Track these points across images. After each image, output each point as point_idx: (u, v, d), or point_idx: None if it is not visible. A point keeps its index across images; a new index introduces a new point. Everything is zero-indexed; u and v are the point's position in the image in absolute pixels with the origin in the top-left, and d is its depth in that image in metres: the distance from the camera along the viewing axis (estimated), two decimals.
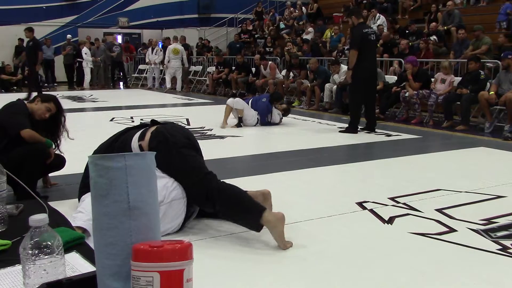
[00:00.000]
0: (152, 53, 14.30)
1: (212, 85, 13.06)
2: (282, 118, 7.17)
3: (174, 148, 2.67)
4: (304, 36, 13.21)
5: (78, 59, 14.44)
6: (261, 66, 11.17)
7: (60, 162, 3.56)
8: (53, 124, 3.51)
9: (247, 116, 7.00)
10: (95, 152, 2.91)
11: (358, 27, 6.41)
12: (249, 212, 2.57)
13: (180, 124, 3.12)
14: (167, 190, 2.62)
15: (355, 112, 6.60)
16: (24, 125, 3.24)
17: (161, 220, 2.49)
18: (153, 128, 2.78)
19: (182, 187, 2.68)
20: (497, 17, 10.14)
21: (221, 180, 2.72)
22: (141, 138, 2.73)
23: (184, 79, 14.05)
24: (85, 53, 14.21)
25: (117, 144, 2.81)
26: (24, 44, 12.04)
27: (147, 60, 14.50)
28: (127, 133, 2.88)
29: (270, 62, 11.19)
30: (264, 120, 7.05)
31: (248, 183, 3.87)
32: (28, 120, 3.31)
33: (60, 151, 3.56)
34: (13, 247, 1.45)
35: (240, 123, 6.96)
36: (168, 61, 13.39)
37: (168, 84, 13.62)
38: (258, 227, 2.55)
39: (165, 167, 2.69)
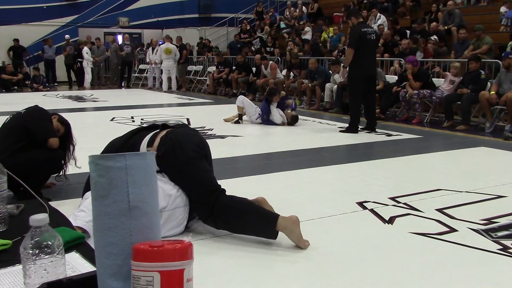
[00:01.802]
0: (152, 53, 14.32)
1: (213, 85, 13.07)
2: (286, 122, 7.12)
3: (181, 159, 2.61)
4: (303, 36, 13.22)
5: (79, 59, 14.44)
6: (262, 65, 11.17)
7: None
8: (64, 141, 3.54)
9: (248, 113, 7.30)
10: (106, 148, 2.90)
11: (357, 26, 6.41)
12: (263, 223, 2.54)
13: (190, 127, 3.01)
14: (171, 197, 2.59)
15: (355, 112, 6.59)
16: (54, 133, 3.38)
17: (163, 226, 2.52)
18: (163, 133, 2.70)
19: (186, 195, 2.66)
20: (506, 14, 10.08)
21: (229, 195, 2.66)
22: (150, 143, 2.66)
23: (182, 79, 14.06)
24: (86, 53, 14.20)
25: (128, 144, 2.74)
26: None
27: (147, 60, 14.53)
28: (139, 133, 2.82)
29: (271, 62, 11.19)
30: (263, 118, 7.15)
31: (248, 183, 3.89)
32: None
33: (66, 177, 3.58)
34: (14, 247, 1.45)
35: (239, 120, 7.31)
36: (161, 61, 13.52)
37: (165, 85, 13.64)
38: (274, 235, 2.54)
39: (172, 176, 2.66)
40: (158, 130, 2.78)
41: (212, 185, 2.65)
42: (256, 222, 2.57)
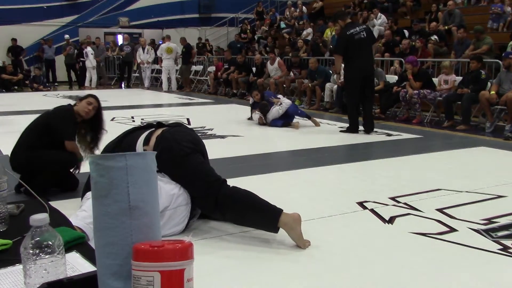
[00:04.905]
0: (143, 52, 14.31)
1: (213, 85, 13.07)
2: (262, 117, 7.01)
3: (178, 156, 2.63)
4: (304, 37, 13.22)
5: (81, 59, 14.41)
6: (269, 61, 11.15)
7: (75, 184, 3.65)
8: (98, 120, 3.63)
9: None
10: (104, 151, 2.92)
11: (344, 29, 6.32)
12: (265, 216, 2.56)
13: (186, 126, 3.07)
14: (173, 196, 2.61)
15: (351, 113, 6.55)
16: (71, 136, 3.47)
17: (165, 225, 2.54)
18: (158, 132, 2.73)
19: (188, 193, 2.68)
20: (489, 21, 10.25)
21: (232, 186, 2.69)
22: (146, 142, 2.69)
23: (186, 79, 14.07)
24: (91, 53, 14.19)
25: (123, 145, 2.76)
26: None
27: (138, 61, 14.50)
28: (134, 133, 2.84)
29: (278, 58, 11.17)
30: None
31: (248, 183, 3.88)
32: (75, 131, 3.51)
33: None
34: (14, 247, 1.45)
35: (251, 117, 7.46)
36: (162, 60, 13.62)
37: (165, 85, 13.64)
38: (275, 230, 2.56)
39: (171, 174, 2.68)
40: (153, 129, 2.80)
41: (212, 176, 2.68)
42: (259, 216, 2.59)
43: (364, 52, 6.30)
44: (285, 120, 6.94)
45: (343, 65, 6.85)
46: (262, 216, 2.58)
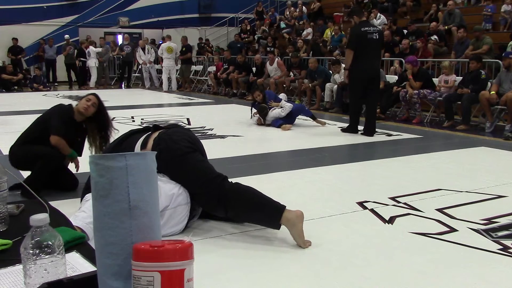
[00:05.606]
0: (144, 53, 14.29)
1: (215, 85, 13.07)
2: (260, 118, 7.02)
3: (177, 156, 2.65)
4: (304, 37, 13.23)
5: (82, 59, 14.40)
6: (268, 61, 11.13)
7: (75, 184, 3.66)
8: (101, 117, 3.68)
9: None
10: (104, 153, 2.92)
11: (357, 26, 6.29)
12: (268, 212, 2.57)
13: (183, 126, 3.10)
14: (173, 196, 2.62)
15: (353, 112, 6.54)
16: (57, 131, 3.45)
17: (165, 224, 2.56)
18: (155, 135, 2.75)
19: (187, 192, 2.68)
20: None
21: (234, 182, 2.69)
22: (144, 146, 2.70)
23: (186, 79, 14.07)
24: (96, 53, 14.19)
25: (122, 147, 2.78)
26: None
27: (140, 61, 14.48)
28: (131, 137, 2.85)
29: (277, 58, 11.16)
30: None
31: (248, 183, 3.87)
32: (64, 127, 3.50)
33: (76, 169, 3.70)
34: (14, 247, 1.45)
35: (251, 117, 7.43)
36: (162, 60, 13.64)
37: (165, 85, 13.63)
38: (277, 226, 2.57)
39: (171, 174, 2.69)
40: (150, 132, 2.81)
41: (212, 172, 2.70)
42: (262, 212, 2.60)
43: (373, 53, 6.23)
44: (286, 121, 6.90)
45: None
46: (265, 212, 2.59)
